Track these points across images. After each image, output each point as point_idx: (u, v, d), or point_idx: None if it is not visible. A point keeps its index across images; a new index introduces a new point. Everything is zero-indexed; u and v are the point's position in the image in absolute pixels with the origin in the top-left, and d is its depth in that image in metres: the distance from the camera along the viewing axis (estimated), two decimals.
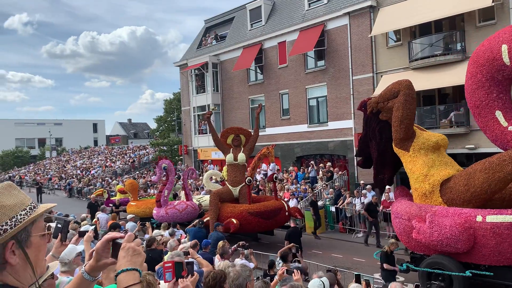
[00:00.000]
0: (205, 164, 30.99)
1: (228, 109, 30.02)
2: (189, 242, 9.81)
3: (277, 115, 26.50)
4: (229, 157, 16.50)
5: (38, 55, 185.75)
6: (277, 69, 26.44)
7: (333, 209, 18.53)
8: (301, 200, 19.35)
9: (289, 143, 25.62)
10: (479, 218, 8.88)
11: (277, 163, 23.74)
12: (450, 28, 19.49)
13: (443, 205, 9.67)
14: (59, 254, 3.71)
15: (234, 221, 14.51)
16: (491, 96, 9.32)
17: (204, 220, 14.93)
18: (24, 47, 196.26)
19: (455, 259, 9.41)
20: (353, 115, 22.22)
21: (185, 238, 11.85)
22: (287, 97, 26.05)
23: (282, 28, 26.05)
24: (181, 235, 12.39)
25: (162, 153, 39.91)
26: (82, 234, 4.70)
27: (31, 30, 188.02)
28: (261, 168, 24.00)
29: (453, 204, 9.54)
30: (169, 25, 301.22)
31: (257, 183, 22.13)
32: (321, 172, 21.95)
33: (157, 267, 6.76)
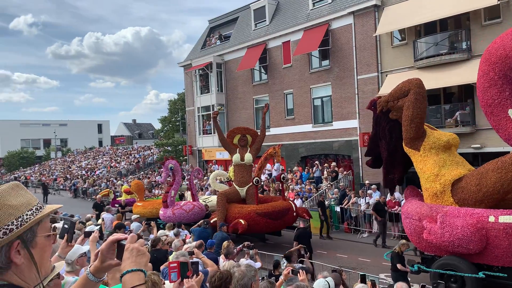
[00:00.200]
0: (210, 164, 31.00)
1: (232, 109, 30.02)
2: (194, 242, 9.82)
3: (281, 115, 26.48)
4: (236, 157, 16.36)
5: (43, 56, 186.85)
6: (282, 69, 26.41)
7: (338, 209, 18.49)
8: (306, 200, 19.33)
9: (293, 143, 25.59)
10: (492, 218, 8.76)
11: (281, 163, 23.69)
12: (455, 27, 19.38)
13: (455, 205, 9.56)
14: (65, 254, 3.73)
15: (242, 222, 14.38)
16: (503, 94, 9.10)
17: (211, 221, 14.89)
18: (29, 48, 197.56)
19: (468, 260, 9.27)
20: (358, 114, 22.15)
21: (190, 238, 11.85)
22: (291, 97, 26.02)
23: (286, 27, 26.01)
24: (186, 235, 12.38)
25: (166, 154, 39.99)
26: (87, 234, 4.71)
27: (36, 31, 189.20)
28: (265, 168, 23.96)
29: (464, 204, 9.43)
30: (173, 26, 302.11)
31: (262, 184, 22.12)
32: (326, 172, 21.90)
33: (162, 267, 6.76)
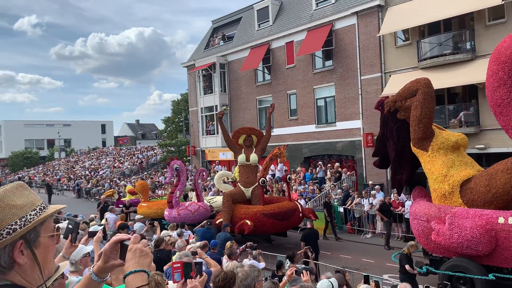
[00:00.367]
0: (213, 164, 31.03)
1: (235, 109, 30.02)
2: (197, 242, 9.83)
3: (285, 115, 26.46)
4: (241, 158, 16.28)
5: (47, 56, 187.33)
6: (285, 69, 26.40)
7: (341, 209, 18.46)
8: (309, 200, 19.30)
9: (297, 143, 25.56)
10: (501, 219, 8.67)
11: (285, 163, 23.65)
12: (459, 27, 19.31)
13: (463, 206, 9.44)
14: (69, 254, 3.73)
15: (248, 223, 14.27)
16: None
17: (217, 221, 14.83)
18: (33, 49, 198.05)
19: (477, 262, 9.15)
20: (361, 115, 22.11)
21: (193, 238, 11.86)
22: (294, 97, 26.00)
23: (289, 28, 26.00)
24: (189, 235, 12.39)
25: (170, 154, 40.04)
26: (91, 234, 4.71)
27: (40, 32, 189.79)
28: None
29: (473, 205, 9.32)
30: (177, 26, 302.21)
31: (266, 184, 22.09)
32: (329, 172, 21.87)
33: (165, 267, 6.78)
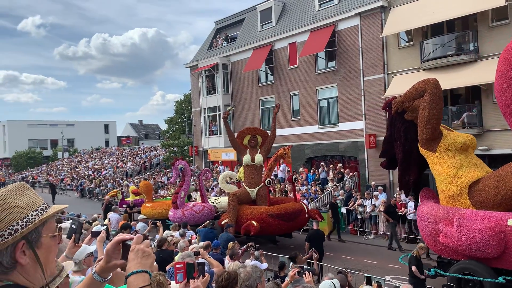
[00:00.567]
0: (216, 165, 31.03)
1: (238, 110, 30.02)
2: (200, 242, 9.83)
3: (287, 116, 26.44)
4: (246, 158, 16.20)
5: (50, 57, 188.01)
6: (288, 70, 26.39)
7: (344, 210, 18.43)
8: (312, 201, 19.28)
9: (299, 144, 25.54)
10: (510, 222, 8.56)
11: (287, 164, 23.63)
12: (462, 28, 19.27)
13: (472, 208, 9.33)
14: (72, 255, 3.75)
15: (254, 224, 14.16)
16: None
17: (222, 222, 14.75)
18: (37, 49, 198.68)
19: (487, 265, 9.03)
20: (364, 116, 22.09)
21: (195, 239, 11.87)
22: (297, 98, 25.99)
23: (292, 29, 26.00)
24: (192, 235, 12.39)
25: (172, 154, 40.08)
26: (95, 234, 4.72)
27: (44, 32, 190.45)
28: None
29: (482, 207, 9.21)
30: (180, 27, 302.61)
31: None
32: (332, 173, 21.84)
33: (168, 267, 6.79)
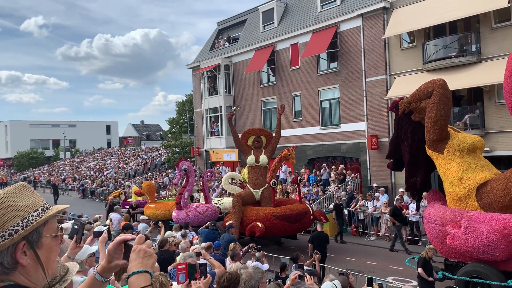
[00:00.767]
0: (217, 166, 31.05)
1: (240, 111, 30.02)
2: (202, 243, 9.83)
3: (289, 117, 26.43)
4: (251, 159, 16.11)
5: (53, 57, 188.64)
6: (290, 71, 26.40)
7: (345, 212, 18.40)
8: (313, 202, 19.27)
9: (301, 145, 25.52)
10: None
11: (289, 165, 23.66)
12: (465, 29, 19.25)
13: (480, 210, 9.21)
14: (74, 255, 3.74)
15: (259, 225, 14.06)
16: None
17: (226, 223, 14.69)
18: (39, 50, 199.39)
19: (495, 268, 8.91)
20: (366, 117, 22.08)
21: (197, 239, 11.87)
22: (299, 99, 25.99)
23: (294, 30, 26.01)
24: (193, 236, 12.39)
25: (174, 155, 40.09)
26: (96, 234, 4.71)
27: (46, 32, 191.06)
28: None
29: (490, 209, 9.08)
30: (182, 28, 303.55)
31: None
32: (333, 174, 21.82)
33: (169, 268, 6.78)
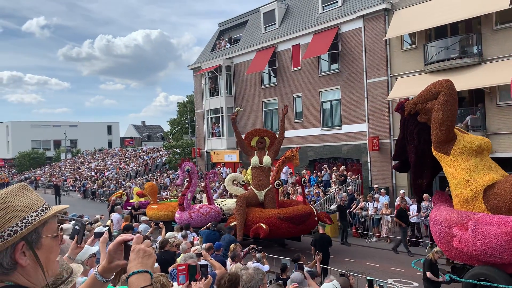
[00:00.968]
0: (218, 167, 31.04)
1: (241, 112, 29.97)
2: (203, 244, 9.82)
3: (290, 118, 26.40)
4: (254, 160, 16.02)
5: (54, 58, 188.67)
6: (291, 72, 26.40)
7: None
8: (314, 203, 19.24)
9: (302, 146, 25.48)
10: None
11: (289, 166, 23.66)
12: (466, 31, 19.24)
13: (487, 212, 9.14)
14: (75, 256, 3.74)
15: (263, 226, 13.98)
16: None
17: (230, 224, 14.65)
18: (41, 50, 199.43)
19: (504, 271, 8.84)
20: (367, 118, 22.07)
21: (197, 240, 11.86)
22: (300, 100, 25.99)
23: (295, 31, 26.02)
24: (194, 237, 12.39)
25: (175, 156, 40.09)
26: (97, 235, 4.71)
27: (48, 33, 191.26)
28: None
29: (498, 211, 9.01)
30: (184, 29, 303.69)
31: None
32: (334, 175, 21.80)
33: (170, 269, 6.78)
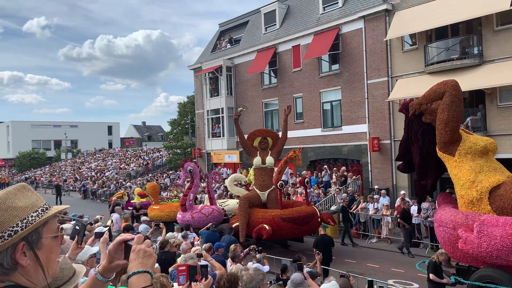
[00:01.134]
0: (218, 167, 31.05)
1: (243, 112, 29.96)
2: (203, 244, 9.82)
3: (291, 119, 26.33)
4: (257, 161, 15.97)
5: (55, 58, 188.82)
6: (291, 72, 26.40)
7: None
8: (314, 204, 19.23)
9: (302, 147, 25.49)
10: None
11: (290, 167, 23.65)
12: (467, 32, 19.23)
13: (493, 214, 9.08)
14: (75, 256, 3.74)
15: (266, 227, 13.93)
16: None
17: (233, 225, 14.59)
18: (41, 50, 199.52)
19: (510, 273, 8.76)
20: (367, 119, 22.07)
21: (198, 241, 11.86)
22: (301, 100, 25.99)
23: (296, 31, 26.02)
24: (194, 237, 12.39)
25: (175, 156, 40.09)
26: (98, 235, 4.71)
27: (48, 33, 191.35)
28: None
29: (503, 213, 8.95)
30: (184, 29, 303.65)
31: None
32: (335, 176, 21.80)
33: (170, 269, 6.77)
